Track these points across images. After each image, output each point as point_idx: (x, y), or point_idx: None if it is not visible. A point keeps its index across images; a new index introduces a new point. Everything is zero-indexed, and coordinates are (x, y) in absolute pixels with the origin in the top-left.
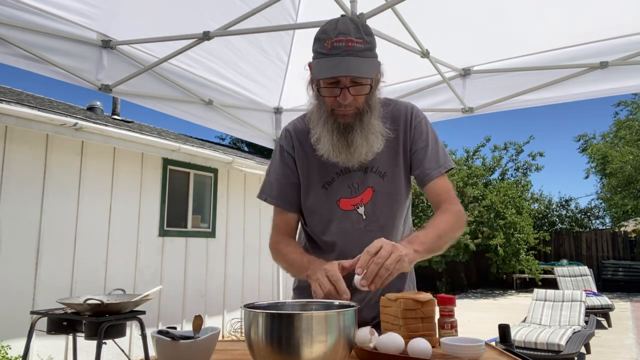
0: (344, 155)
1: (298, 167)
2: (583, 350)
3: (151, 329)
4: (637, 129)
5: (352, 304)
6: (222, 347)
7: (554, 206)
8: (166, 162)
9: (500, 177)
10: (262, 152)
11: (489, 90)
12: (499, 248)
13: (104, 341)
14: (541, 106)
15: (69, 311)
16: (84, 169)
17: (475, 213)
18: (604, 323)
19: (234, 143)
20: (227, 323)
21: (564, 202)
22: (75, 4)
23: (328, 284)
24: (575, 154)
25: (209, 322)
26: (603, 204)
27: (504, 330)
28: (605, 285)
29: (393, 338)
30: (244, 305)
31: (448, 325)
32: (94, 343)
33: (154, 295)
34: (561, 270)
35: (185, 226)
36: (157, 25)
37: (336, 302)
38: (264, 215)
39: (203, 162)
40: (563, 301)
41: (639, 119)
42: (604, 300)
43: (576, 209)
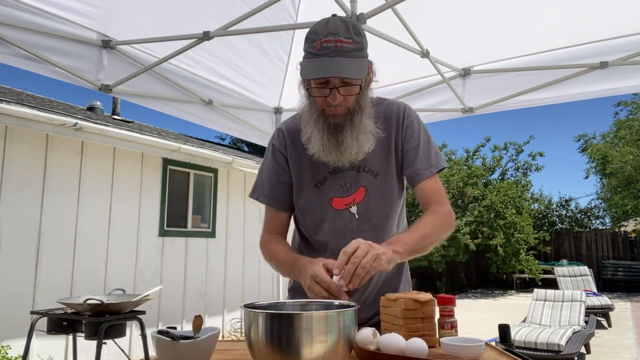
0: (334, 155)
1: (290, 167)
2: (583, 350)
3: (151, 329)
4: (637, 129)
5: (352, 303)
6: (222, 347)
7: (554, 206)
8: (166, 162)
9: (500, 177)
10: (262, 152)
11: (489, 90)
12: (499, 248)
13: (104, 341)
14: (541, 106)
15: (69, 311)
16: (84, 169)
17: (475, 213)
18: (604, 323)
19: (234, 143)
20: (227, 323)
21: (564, 202)
22: (75, 4)
23: (321, 290)
24: (575, 154)
25: (209, 322)
26: (603, 204)
27: (504, 330)
28: (605, 285)
29: (394, 338)
30: (244, 305)
31: (448, 325)
32: (94, 343)
33: (154, 295)
34: (561, 270)
35: (185, 226)
36: (157, 25)
37: (336, 302)
38: (264, 215)
39: (203, 162)
40: (563, 301)
41: (639, 119)
42: (604, 300)
43: (576, 209)
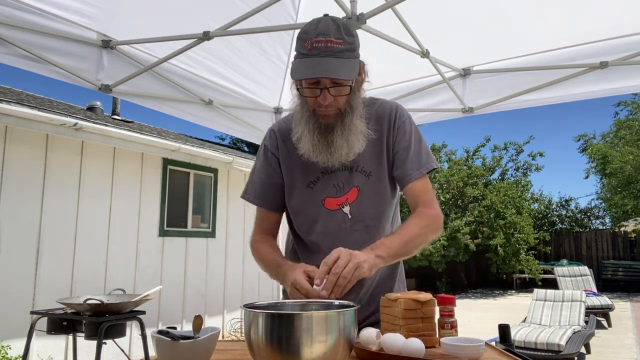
0: (324, 156)
1: (282, 167)
2: (583, 350)
3: (151, 329)
4: (637, 129)
5: (352, 304)
6: (222, 347)
7: (554, 206)
8: (166, 162)
9: (500, 177)
10: None
11: (489, 90)
12: (499, 248)
13: (104, 341)
14: (541, 106)
15: (69, 311)
16: (84, 169)
17: (475, 213)
18: (604, 323)
19: (234, 143)
20: (227, 323)
21: (564, 202)
22: (75, 4)
23: (301, 297)
24: (575, 154)
25: (209, 322)
26: (603, 204)
27: (504, 330)
28: (605, 285)
29: (396, 338)
30: (244, 305)
31: (448, 325)
32: (94, 343)
33: (154, 295)
34: (561, 270)
35: (185, 226)
36: (157, 25)
37: (336, 302)
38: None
39: (203, 162)
40: (563, 301)
41: (639, 119)
42: (604, 300)
43: (576, 209)
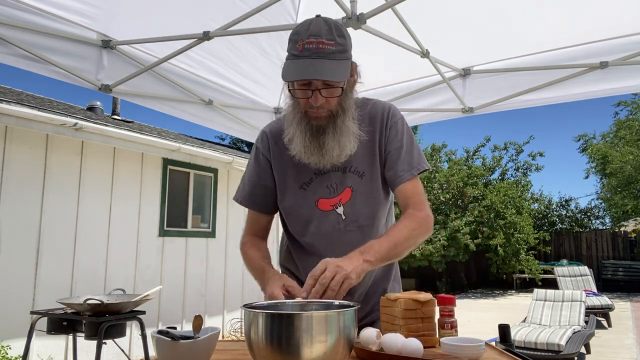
0: (316, 157)
1: (274, 169)
2: (583, 350)
3: (151, 329)
4: (637, 129)
5: (352, 303)
6: (222, 347)
7: (554, 206)
8: (166, 162)
9: (500, 177)
10: None
11: (489, 90)
12: (499, 248)
13: (104, 341)
14: (541, 106)
15: (69, 311)
16: (84, 169)
17: (475, 213)
18: (604, 323)
19: (234, 143)
20: (227, 323)
21: (564, 202)
22: (75, 4)
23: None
24: (575, 154)
25: (209, 322)
26: (603, 204)
27: (504, 330)
28: (605, 285)
29: (395, 339)
30: (244, 305)
31: (448, 325)
32: (94, 343)
33: (154, 295)
34: (561, 270)
35: (185, 226)
36: (157, 25)
37: (336, 302)
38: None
39: (203, 162)
40: (563, 301)
41: (639, 119)
42: (604, 300)
43: (576, 209)
